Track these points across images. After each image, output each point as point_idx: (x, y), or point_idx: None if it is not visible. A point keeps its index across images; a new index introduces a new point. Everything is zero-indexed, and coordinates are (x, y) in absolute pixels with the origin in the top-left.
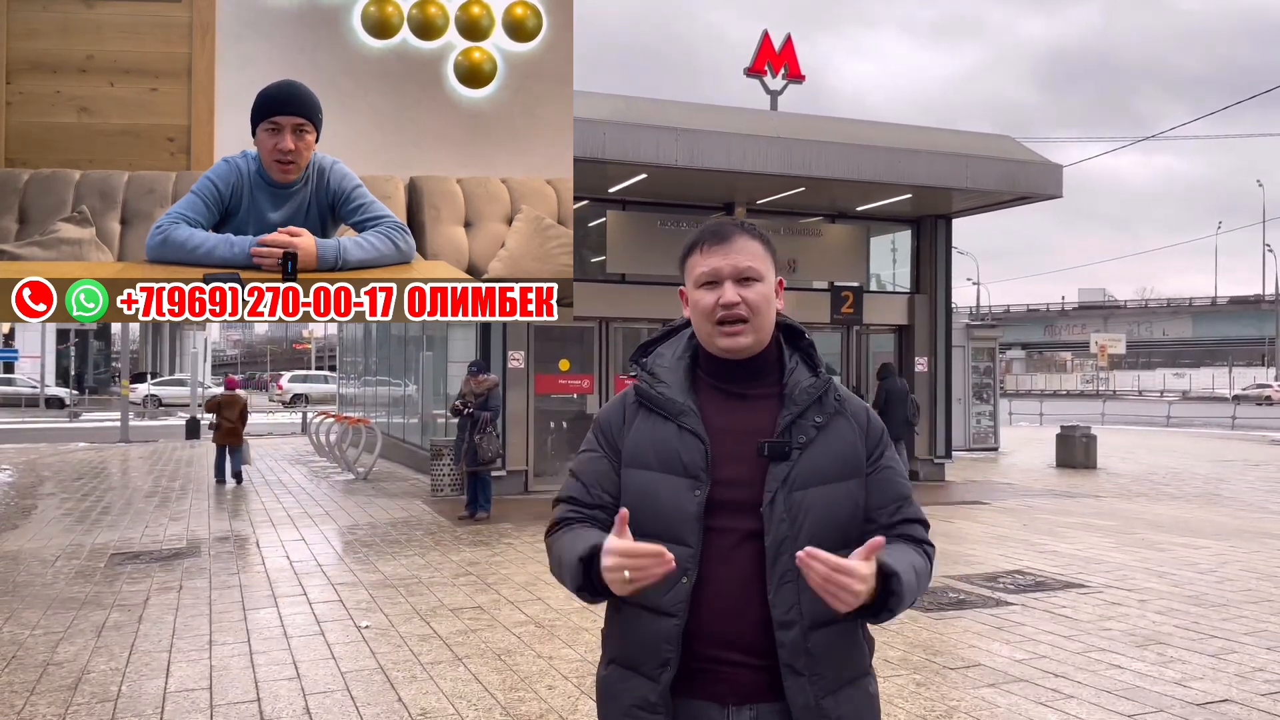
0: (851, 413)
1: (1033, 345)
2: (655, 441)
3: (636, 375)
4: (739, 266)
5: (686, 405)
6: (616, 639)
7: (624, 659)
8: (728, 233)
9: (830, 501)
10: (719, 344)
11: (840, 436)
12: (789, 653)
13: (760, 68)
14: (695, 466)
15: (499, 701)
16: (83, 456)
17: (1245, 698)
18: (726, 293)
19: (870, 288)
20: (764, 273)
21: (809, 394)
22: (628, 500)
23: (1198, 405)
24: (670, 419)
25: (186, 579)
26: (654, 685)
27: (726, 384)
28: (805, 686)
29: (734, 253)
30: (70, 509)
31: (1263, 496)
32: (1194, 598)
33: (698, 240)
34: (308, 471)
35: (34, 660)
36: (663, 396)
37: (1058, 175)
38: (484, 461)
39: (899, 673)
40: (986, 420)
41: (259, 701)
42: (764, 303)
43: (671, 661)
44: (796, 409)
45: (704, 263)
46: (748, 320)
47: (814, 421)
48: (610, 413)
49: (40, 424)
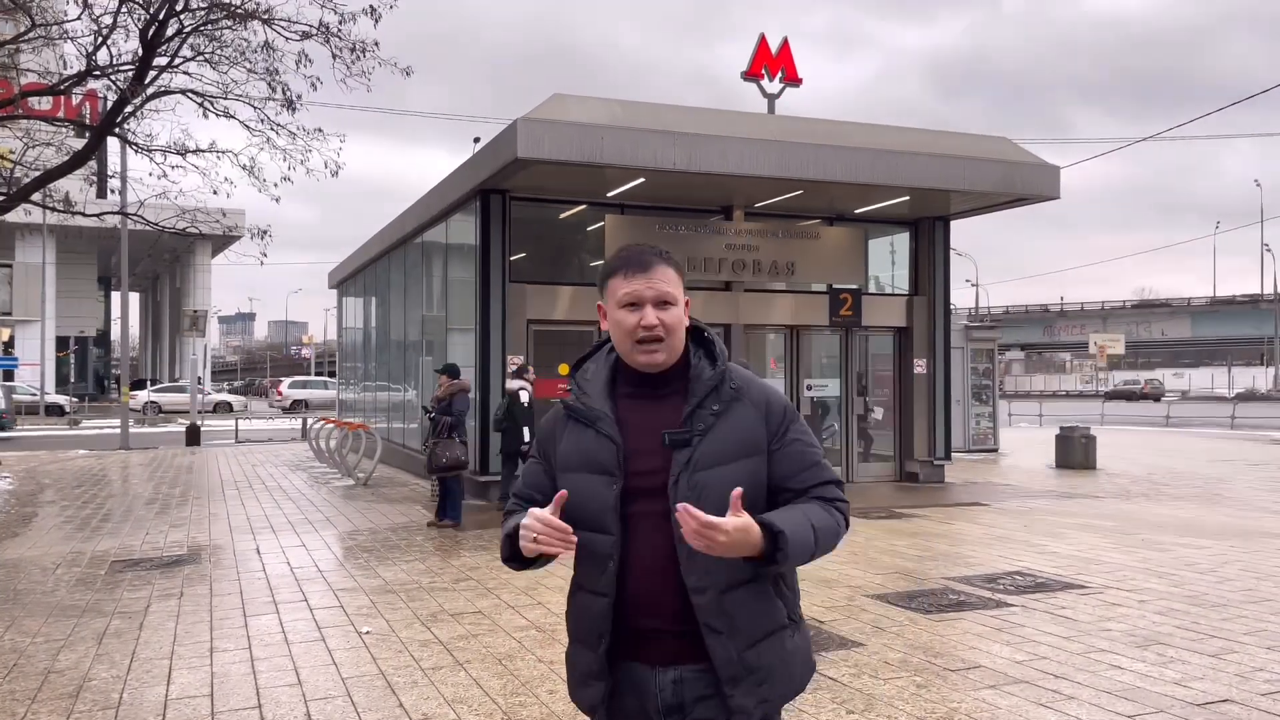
0: (750, 397)
1: (1032, 346)
2: (579, 447)
3: (570, 389)
4: (659, 293)
5: (602, 412)
6: (571, 619)
7: (575, 635)
8: (649, 261)
9: (730, 478)
10: (639, 359)
11: (739, 420)
12: (706, 613)
13: (757, 71)
14: (610, 464)
15: (500, 706)
16: (83, 464)
17: (1245, 698)
18: (647, 315)
19: (869, 290)
20: (678, 297)
21: (706, 385)
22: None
23: (1197, 405)
24: (589, 425)
25: (187, 586)
26: (594, 655)
27: (641, 388)
28: (725, 642)
29: (654, 280)
30: (70, 516)
31: (1263, 496)
32: (1194, 598)
33: (621, 265)
34: (308, 477)
35: (35, 668)
36: (584, 407)
37: (1055, 176)
38: (438, 468)
39: (899, 675)
40: (986, 421)
41: (260, 708)
42: (677, 324)
43: (605, 634)
44: (695, 400)
45: (626, 286)
46: (663, 340)
47: (711, 410)
48: (546, 427)
49: (40, 431)
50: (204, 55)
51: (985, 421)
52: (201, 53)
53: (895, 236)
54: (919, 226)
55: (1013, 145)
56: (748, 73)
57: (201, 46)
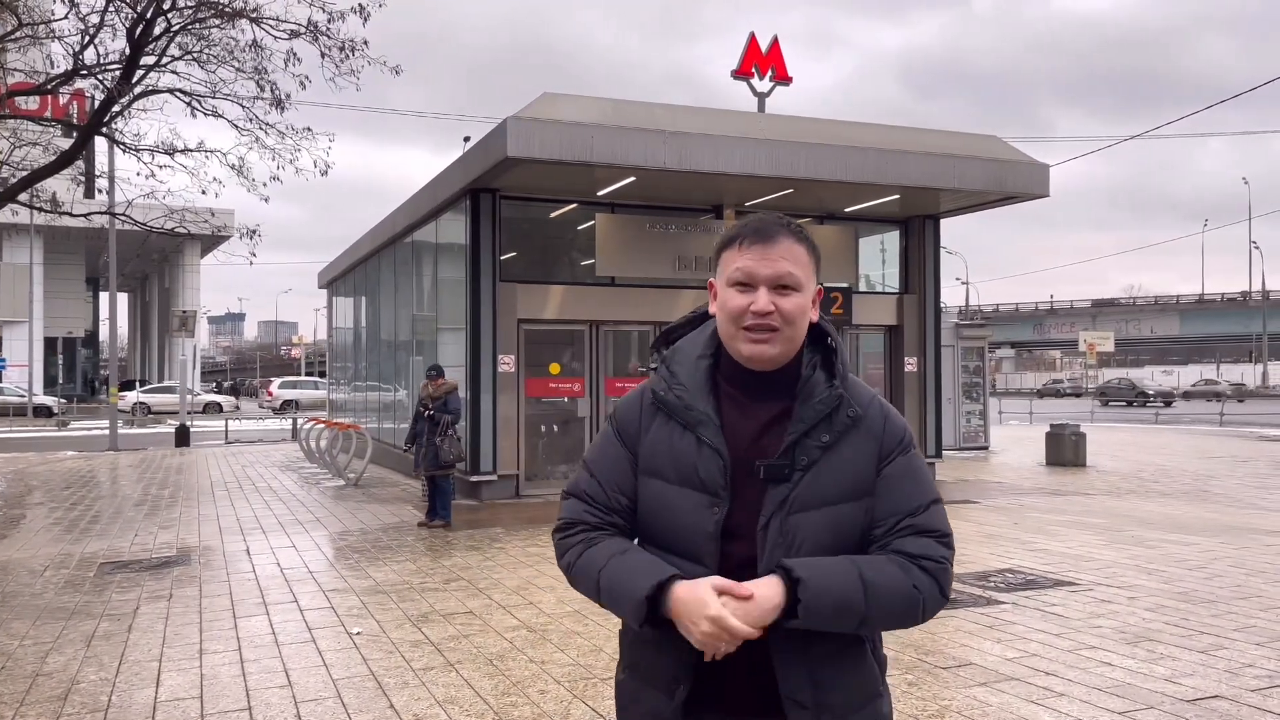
0: (867, 425)
1: (1022, 344)
2: (673, 452)
3: (656, 369)
4: (778, 272)
5: (706, 414)
6: (634, 650)
7: (638, 670)
8: (772, 232)
9: (830, 525)
10: (742, 350)
11: (850, 454)
12: (790, 685)
13: (747, 70)
14: (714, 483)
15: (491, 707)
16: (71, 465)
17: (1235, 693)
18: (760, 300)
19: (860, 288)
20: (804, 282)
21: (817, 410)
22: (643, 509)
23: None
24: (689, 429)
25: (176, 587)
26: (668, 701)
27: (746, 389)
28: (808, 718)
29: (775, 256)
30: (59, 518)
31: (1251, 493)
32: (1183, 594)
33: (738, 235)
34: (298, 478)
35: (23, 671)
36: (680, 403)
37: (1044, 174)
38: (444, 465)
39: (890, 673)
40: (976, 419)
41: (250, 710)
42: (799, 315)
43: (684, 679)
44: (803, 426)
45: (740, 260)
46: (778, 330)
47: (820, 441)
48: (628, 411)
49: (28, 433)
50: (192, 54)
51: (976, 419)
52: (189, 52)
53: (886, 235)
54: (909, 225)
55: (1003, 144)
56: (738, 71)
57: (189, 45)
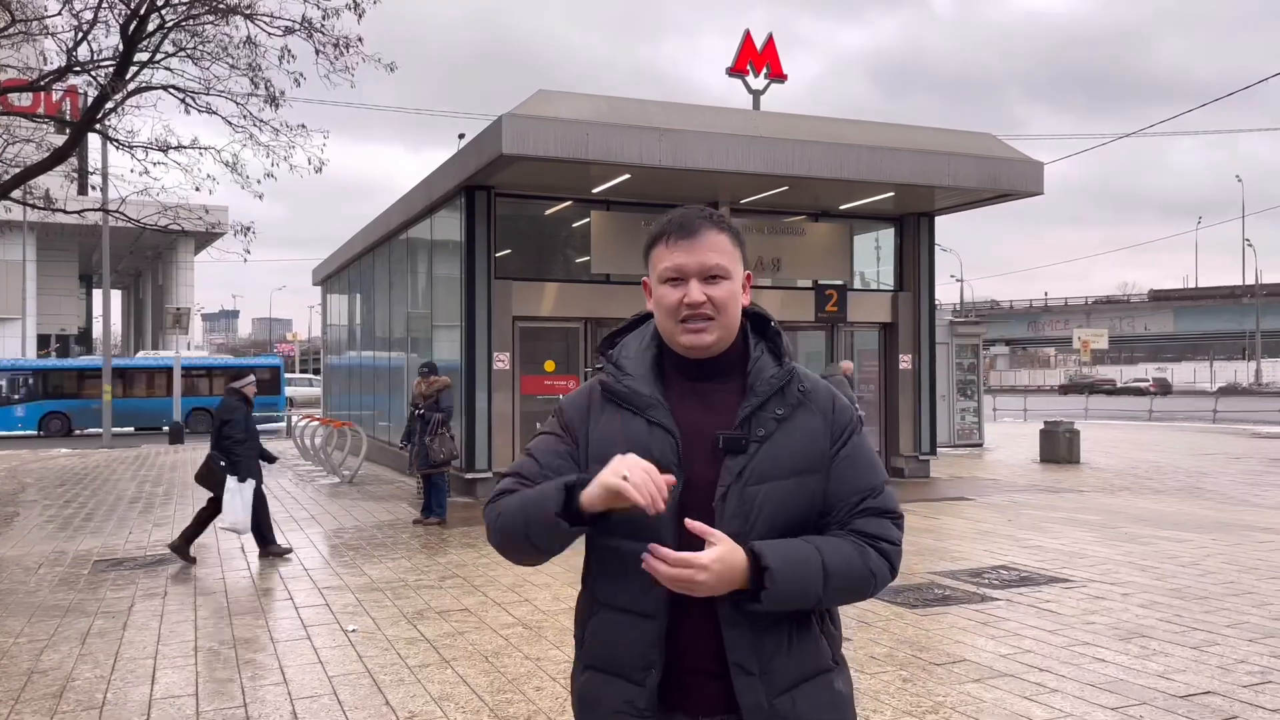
0: (816, 403)
1: (1016, 341)
2: (625, 435)
3: (602, 367)
4: (706, 264)
5: (654, 398)
6: (595, 643)
7: (604, 664)
8: (695, 226)
9: (786, 496)
10: (681, 341)
11: (802, 429)
12: (737, 651)
13: (742, 67)
14: (667, 460)
15: (487, 703)
16: (65, 462)
17: (1227, 689)
18: (692, 292)
19: (854, 286)
20: (731, 269)
21: (770, 385)
22: None
23: (1182, 399)
24: (638, 413)
25: (171, 585)
26: (638, 690)
27: (690, 378)
28: (755, 685)
29: (701, 249)
30: (53, 516)
31: (1243, 489)
32: (1176, 591)
33: (664, 232)
34: (293, 475)
35: (18, 669)
36: (629, 390)
37: (1038, 172)
38: (435, 464)
39: (885, 669)
40: (971, 416)
41: (246, 707)
42: (730, 301)
43: (655, 665)
44: (757, 400)
45: (669, 257)
46: (713, 318)
47: (774, 414)
48: (575, 403)
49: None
50: (186, 51)
51: (970, 416)
52: (183, 48)
53: (880, 232)
54: (904, 223)
55: (997, 141)
56: (733, 68)
57: (183, 42)
